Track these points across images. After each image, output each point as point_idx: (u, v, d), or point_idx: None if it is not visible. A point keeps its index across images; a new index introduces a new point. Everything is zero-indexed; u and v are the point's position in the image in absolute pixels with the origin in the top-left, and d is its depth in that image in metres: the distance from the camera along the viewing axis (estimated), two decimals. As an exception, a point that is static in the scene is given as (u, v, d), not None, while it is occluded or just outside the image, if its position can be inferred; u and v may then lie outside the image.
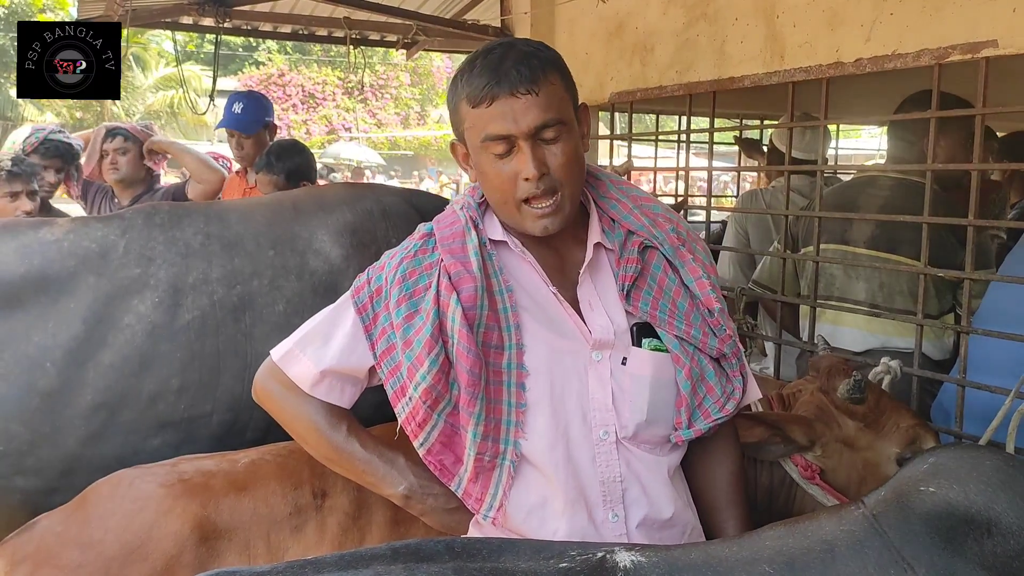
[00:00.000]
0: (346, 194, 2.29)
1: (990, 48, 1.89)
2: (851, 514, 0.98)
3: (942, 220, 2.18)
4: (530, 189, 1.31)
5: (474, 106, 1.31)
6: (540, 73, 1.30)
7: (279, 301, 2.04)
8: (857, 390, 1.69)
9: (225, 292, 2.02)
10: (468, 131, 1.35)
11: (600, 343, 1.36)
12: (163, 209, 2.13)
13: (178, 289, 2.00)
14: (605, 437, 1.35)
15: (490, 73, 1.30)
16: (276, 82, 24.05)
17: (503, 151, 1.32)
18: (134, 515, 1.58)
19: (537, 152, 1.30)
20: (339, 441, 1.45)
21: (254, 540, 1.58)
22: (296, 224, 2.15)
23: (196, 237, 2.06)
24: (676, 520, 1.38)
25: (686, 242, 1.45)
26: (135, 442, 1.92)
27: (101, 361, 1.93)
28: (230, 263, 2.05)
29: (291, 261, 2.08)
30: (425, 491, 1.44)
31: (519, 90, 1.28)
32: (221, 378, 1.98)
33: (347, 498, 1.61)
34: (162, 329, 1.96)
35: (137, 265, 2.00)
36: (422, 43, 4.66)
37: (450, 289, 1.32)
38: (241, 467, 1.68)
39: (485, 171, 1.35)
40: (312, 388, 1.45)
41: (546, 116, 1.30)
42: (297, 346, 1.47)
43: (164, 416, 1.94)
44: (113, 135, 3.77)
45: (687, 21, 2.82)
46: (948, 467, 0.97)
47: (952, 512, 0.92)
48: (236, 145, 3.90)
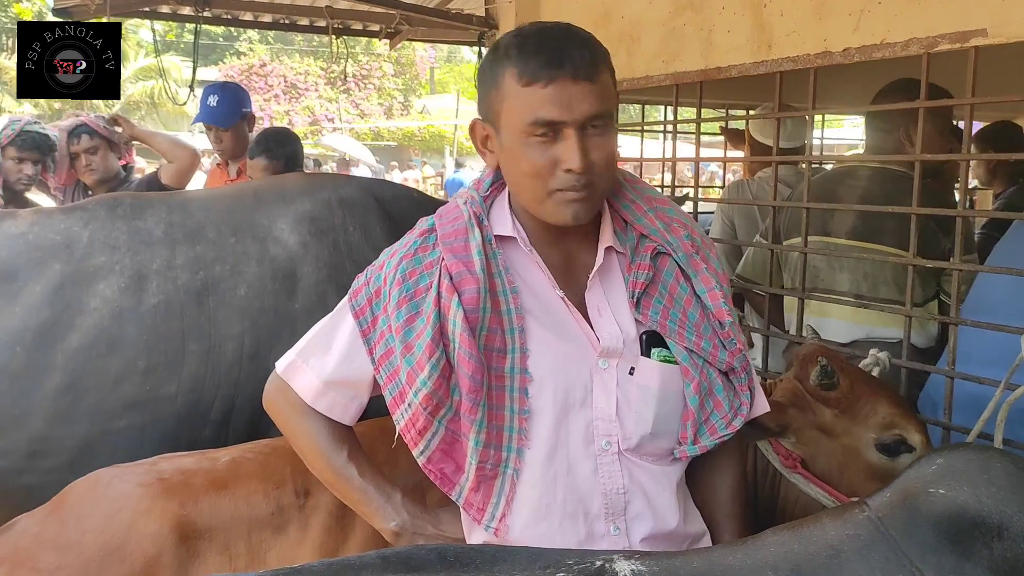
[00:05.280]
0: (305, 184, 2.39)
1: (980, 37, 1.87)
2: (855, 517, 0.96)
3: (931, 211, 2.17)
4: (569, 181, 1.24)
5: (526, 84, 1.22)
6: (601, 64, 1.25)
7: (240, 286, 2.12)
8: (825, 376, 1.67)
9: (189, 277, 2.10)
10: (509, 110, 1.25)
11: (608, 351, 1.31)
12: (125, 200, 2.22)
13: (143, 275, 2.08)
14: (607, 448, 1.31)
15: (550, 52, 1.22)
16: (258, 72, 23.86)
17: (546, 137, 1.24)
18: (112, 516, 1.55)
19: (584, 143, 1.23)
20: (338, 464, 1.42)
21: (235, 540, 1.55)
22: (257, 212, 2.24)
23: (159, 226, 2.15)
24: (680, 533, 1.34)
25: (700, 250, 1.39)
26: (102, 422, 1.98)
27: (69, 344, 2.00)
28: (192, 250, 2.13)
29: (252, 248, 2.16)
30: (417, 531, 1.40)
31: (580, 75, 1.21)
32: (185, 359, 2.05)
33: (330, 497, 1.57)
34: (128, 313, 2.04)
35: (102, 253, 2.08)
36: (405, 32, 4.62)
37: (451, 291, 1.27)
38: (222, 465, 1.65)
39: (518, 154, 1.26)
40: (315, 400, 1.41)
41: (600, 107, 1.23)
42: (300, 356, 1.43)
43: (130, 396, 2.01)
44: (77, 135, 3.67)
45: (673, 10, 2.79)
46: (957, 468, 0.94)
47: (962, 515, 0.89)
48: (215, 139, 3.84)
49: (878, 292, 2.55)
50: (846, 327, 2.60)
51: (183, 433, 2.03)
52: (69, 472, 1.83)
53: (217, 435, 2.07)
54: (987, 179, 4.38)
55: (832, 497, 1.61)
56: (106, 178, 3.74)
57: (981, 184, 4.48)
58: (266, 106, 22.95)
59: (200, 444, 2.02)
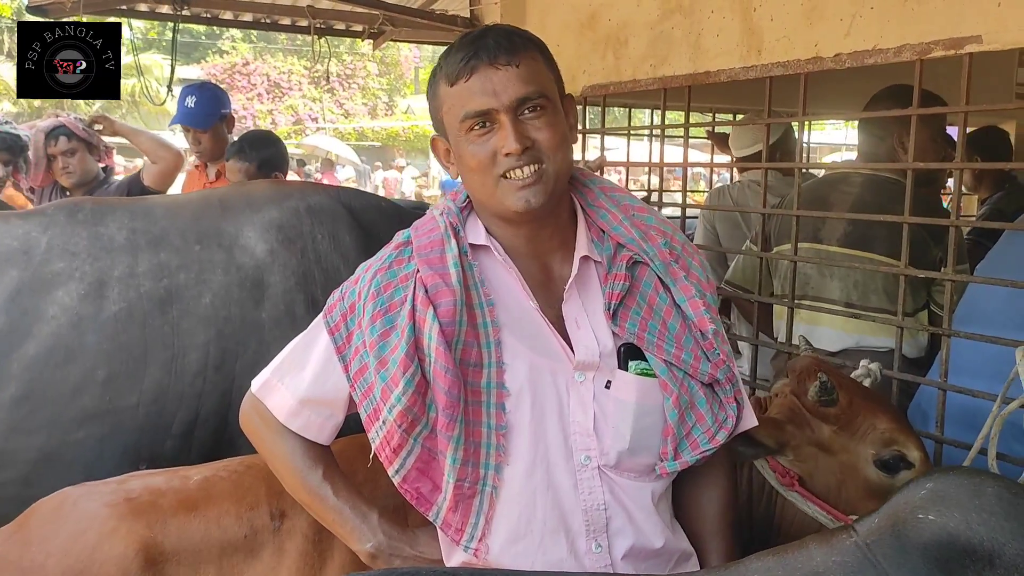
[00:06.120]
0: (273, 192, 2.35)
1: (974, 44, 1.84)
2: (842, 543, 0.93)
3: (923, 220, 2.14)
4: (511, 163, 1.23)
5: (452, 84, 1.24)
6: (521, 47, 1.24)
7: (205, 294, 2.07)
8: (826, 392, 1.64)
9: (152, 285, 2.05)
10: (447, 113, 1.27)
11: (584, 364, 1.28)
12: (87, 205, 2.17)
13: (104, 282, 2.02)
14: (587, 463, 1.27)
15: (468, 47, 1.24)
16: (241, 71, 23.67)
17: (483, 128, 1.24)
18: (76, 537, 1.48)
19: (518, 127, 1.22)
20: (314, 484, 1.38)
21: (204, 564, 1.49)
22: (223, 220, 2.19)
23: (121, 232, 2.09)
24: (663, 550, 1.31)
25: (680, 258, 1.36)
26: (59, 434, 1.93)
27: (26, 353, 1.94)
28: (156, 257, 2.08)
29: (217, 255, 2.12)
30: (393, 552, 1.36)
31: (499, 61, 1.22)
32: (148, 369, 2.00)
33: (307, 520, 1.52)
34: (88, 321, 1.98)
35: (61, 259, 2.02)
36: (389, 33, 4.56)
37: (426, 303, 1.24)
38: (193, 485, 1.58)
39: (463, 153, 1.27)
40: (290, 419, 1.37)
41: (527, 88, 1.23)
42: (274, 375, 1.40)
43: (89, 407, 1.95)
44: (55, 137, 3.60)
45: (662, 13, 2.75)
46: (948, 494, 0.90)
47: (952, 542, 0.86)
48: (193, 141, 3.77)
49: (868, 301, 2.52)
50: (836, 335, 2.57)
51: (145, 445, 1.99)
52: (25, 486, 1.79)
53: (180, 448, 2.03)
54: (973, 185, 4.38)
55: (830, 516, 1.58)
56: (84, 181, 3.66)
57: (967, 189, 4.47)
58: (249, 105, 22.78)
59: (163, 457, 1.98)
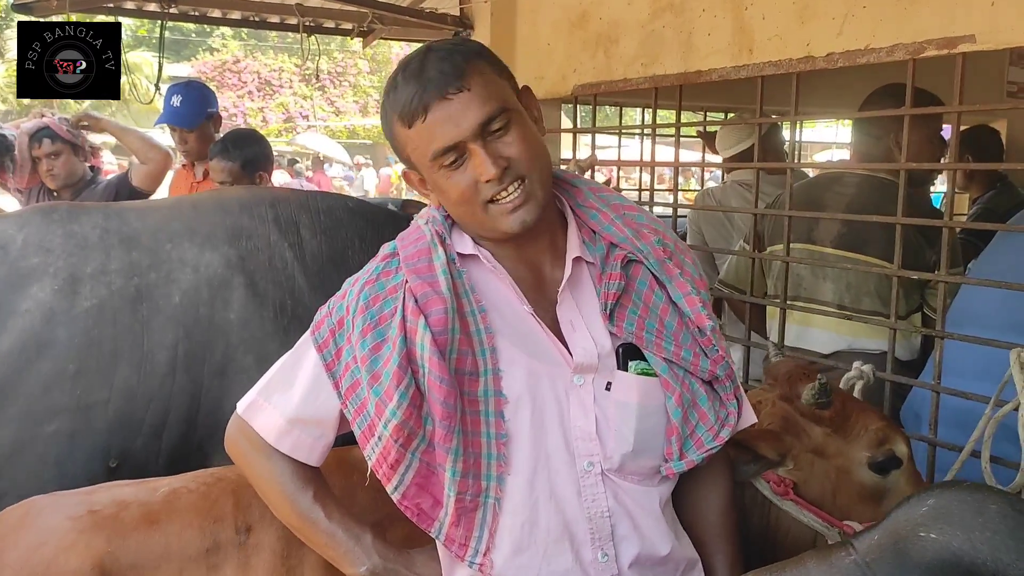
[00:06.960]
0: (244, 196, 2.39)
1: (967, 43, 1.82)
2: (841, 561, 0.90)
3: (917, 221, 2.12)
4: (495, 188, 1.20)
5: (409, 125, 1.21)
6: (465, 66, 1.19)
7: (175, 293, 2.10)
8: (823, 394, 1.62)
9: (123, 283, 2.07)
10: (413, 153, 1.24)
11: (582, 367, 1.25)
12: (61, 207, 2.21)
13: (77, 278, 2.04)
14: (590, 468, 1.24)
15: (413, 83, 1.19)
16: (231, 69, 23.53)
17: (455, 162, 1.20)
18: (34, 550, 1.44)
19: (490, 149, 1.19)
20: (304, 507, 1.34)
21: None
22: (194, 221, 2.22)
23: (94, 231, 2.13)
24: (669, 558, 1.28)
25: (673, 255, 1.33)
26: (30, 427, 1.93)
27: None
28: (127, 256, 2.11)
29: (188, 255, 2.14)
30: (389, 575, 1.32)
31: (449, 91, 1.18)
32: (118, 366, 2.01)
33: (275, 535, 1.46)
34: (60, 315, 2.00)
35: (36, 255, 2.05)
36: (378, 31, 4.52)
37: (417, 313, 1.20)
38: (159, 497, 1.53)
39: (443, 189, 1.24)
40: (279, 441, 1.33)
41: (486, 108, 1.19)
42: (261, 395, 1.36)
43: (59, 402, 1.95)
44: (38, 139, 3.56)
45: (652, 12, 2.73)
46: (950, 511, 0.88)
47: (956, 562, 0.84)
48: (179, 140, 3.73)
49: (861, 303, 2.51)
50: (828, 337, 2.56)
51: (115, 442, 1.98)
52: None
53: (149, 446, 2.02)
54: (964, 183, 4.37)
55: (826, 523, 1.56)
56: (69, 182, 3.62)
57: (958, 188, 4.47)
58: (240, 103, 22.66)
59: (133, 454, 1.99)
